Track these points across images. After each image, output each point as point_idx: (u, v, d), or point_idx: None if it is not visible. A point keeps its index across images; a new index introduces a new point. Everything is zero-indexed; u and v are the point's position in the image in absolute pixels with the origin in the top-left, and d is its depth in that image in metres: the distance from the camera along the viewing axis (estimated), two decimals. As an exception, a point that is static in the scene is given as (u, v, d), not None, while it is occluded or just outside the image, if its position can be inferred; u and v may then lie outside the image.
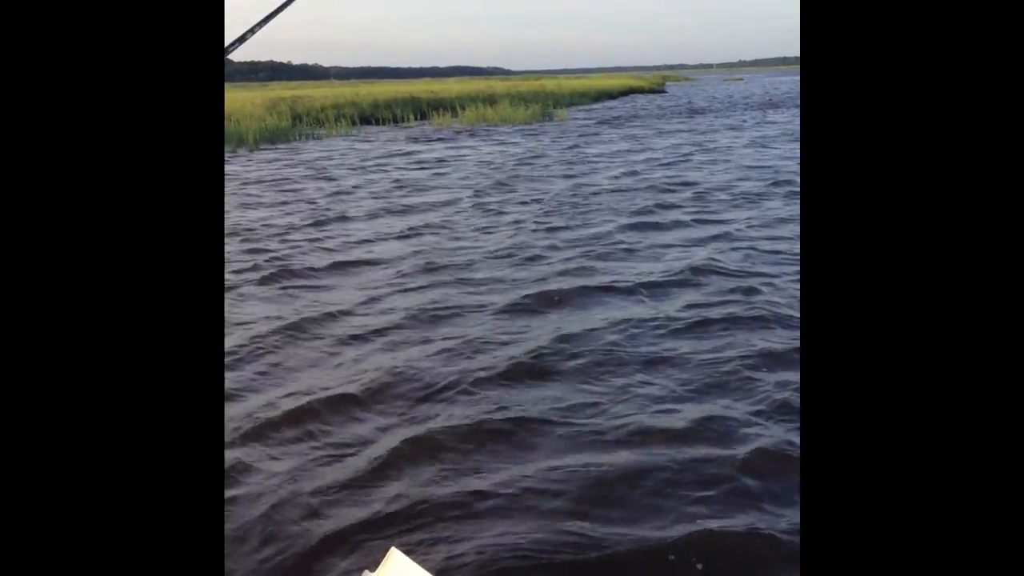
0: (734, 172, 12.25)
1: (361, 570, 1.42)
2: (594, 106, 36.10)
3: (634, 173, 12.48)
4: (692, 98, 43.13)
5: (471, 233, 8.13)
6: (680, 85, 72.54)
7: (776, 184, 10.78)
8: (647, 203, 9.56)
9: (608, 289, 5.76)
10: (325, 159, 16.50)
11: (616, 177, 12.07)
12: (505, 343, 4.68)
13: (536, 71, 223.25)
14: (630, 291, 5.71)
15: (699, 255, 6.71)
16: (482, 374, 4.17)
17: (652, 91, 51.94)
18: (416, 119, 28.40)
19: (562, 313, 5.27)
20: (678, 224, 8.31)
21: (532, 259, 6.85)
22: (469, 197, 10.58)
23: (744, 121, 24.21)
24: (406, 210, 9.75)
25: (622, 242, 7.45)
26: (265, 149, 19.47)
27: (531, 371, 4.20)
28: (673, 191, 10.47)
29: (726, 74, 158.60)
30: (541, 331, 4.86)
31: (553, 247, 7.30)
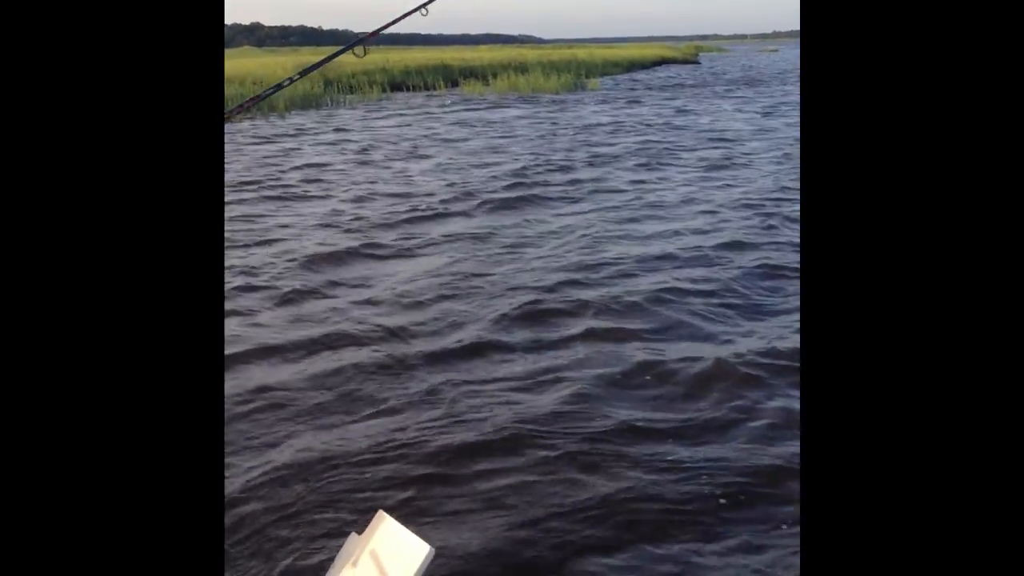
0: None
1: (348, 532, 1.43)
2: (633, 75, 35.60)
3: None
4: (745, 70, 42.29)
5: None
6: (712, 56, 71.32)
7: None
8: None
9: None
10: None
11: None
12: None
13: (567, 39, 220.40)
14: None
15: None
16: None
17: (685, 61, 51.12)
18: (447, 86, 28.25)
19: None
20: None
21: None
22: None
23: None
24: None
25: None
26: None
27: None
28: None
29: (760, 44, 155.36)
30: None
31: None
